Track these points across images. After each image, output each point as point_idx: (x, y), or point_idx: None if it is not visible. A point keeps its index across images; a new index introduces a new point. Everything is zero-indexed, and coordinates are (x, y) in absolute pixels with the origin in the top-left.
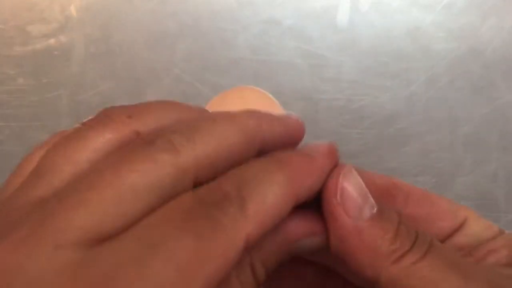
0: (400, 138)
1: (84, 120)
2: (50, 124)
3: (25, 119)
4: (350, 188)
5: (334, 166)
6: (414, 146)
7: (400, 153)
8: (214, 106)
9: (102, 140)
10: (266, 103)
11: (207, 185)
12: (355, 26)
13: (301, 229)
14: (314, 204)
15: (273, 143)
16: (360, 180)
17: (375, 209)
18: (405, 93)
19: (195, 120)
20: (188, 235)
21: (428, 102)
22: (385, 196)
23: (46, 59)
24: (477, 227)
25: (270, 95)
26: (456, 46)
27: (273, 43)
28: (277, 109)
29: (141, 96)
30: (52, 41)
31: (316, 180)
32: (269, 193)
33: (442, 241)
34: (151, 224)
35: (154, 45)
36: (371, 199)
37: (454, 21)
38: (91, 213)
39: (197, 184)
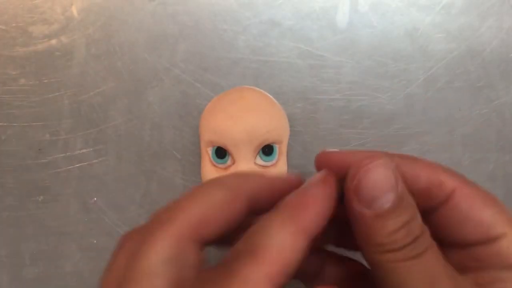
0: (399, 138)
1: None
2: (51, 124)
3: (26, 119)
4: (368, 179)
5: (331, 189)
6: (413, 146)
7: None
8: (214, 106)
9: None
10: (266, 103)
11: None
12: (355, 27)
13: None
14: None
15: (266, 197)
16: (387, 174)
17: (389, 204)
18: (404, 93)
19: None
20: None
21: (427, 103)
22: (423, 195)
23: (48, 59)
24: (508, 249)
25: (270, 95)
26: (454, 47)
27: (273, 44)
28: (277, 109)
29: (141, 96)
30: (53, 41)
31: (317, 208)
32: (275, 238)
33: (461, 245)
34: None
35: (155, 45)
36: (390, 194)
37: (453, 22)
38: None
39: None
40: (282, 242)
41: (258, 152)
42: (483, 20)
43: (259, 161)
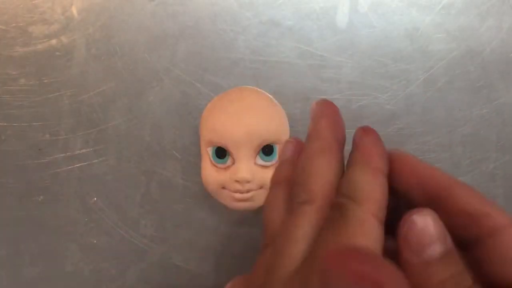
0: (399, 138)
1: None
2: (51, 124)
3: (26, 119)
4: (418, 226)
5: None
6: (413, 146)
7: None
8: (214, 106)
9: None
10: (266, 103)
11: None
12: (354, 27)
13: None
14: None
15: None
16: (436, 224)
17: (439, 252)
18: (404, 93)
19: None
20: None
21: (427, 103)
22: (464, 225)
23: (48, 59)
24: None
25: (270, 95)
26: (454, 47)
27: (273, 44)
28: (277, 109)
29: (141, 96)
30: (53, 42)
31: (378, 150)
32: (363, 184)
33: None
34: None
35: (155, 45)
36: (439, 244)
37: (453, 22)
38: None
39: None
40: (369, 182)
41: (258, 152)
42: (483, 20)
43: (259, 161)
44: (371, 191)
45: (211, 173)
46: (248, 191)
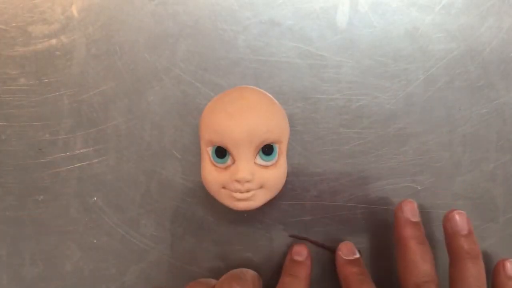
0: (399, 138)
1: None
2: (51, 124)
3: (26, 119)
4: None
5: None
6: (413, 146)
7: (399, 153)
8: (214, 105)
9: None
10: (266, 102)
11: None
12: (355, 27)
13: None
14: None
15: None
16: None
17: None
18: (404, 93)
19: None
20: None
21: (427, 102)
22: None
23: (48, 59)
24: None
25: (270, 95)
26: (454, 47)
27: (273, 44)
28: (277, 109)
29: (141, 96)
30: (53, 41)
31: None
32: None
33: None
34: None
35: (155, 45)
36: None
37: (453, 22)
38: None
39: None
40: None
41: (258, 152)
42: (483, 20)
43: (259, 160)
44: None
45: (211, 172)
46: (248, 191)
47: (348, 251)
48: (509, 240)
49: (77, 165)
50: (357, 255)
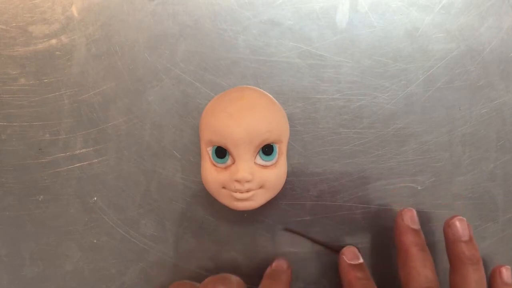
0: (399, 138)
1: None
2: (51, 124)
3: (26, 118)
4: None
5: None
6: (412, 146)
7: (399, 153)
8: (214, 105)
9: None
10: (266, 102)
11: None
12: (354, 27)
13: None
14: None
15: None
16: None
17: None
18: (404, 93)
19: None
20: None
21: (427, 102)
22: None
23: (48, 59)
24: None
25: (270, 95)
26: (454, 47)
27: (273, 44)
28: (277, 109)
29: (141, 96)
30: (53, 41)
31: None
32: None
33: None
34: None
35: (155, 45)
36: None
37: (453, 22)
38: None
39: None
40: None
41: (258, 152)
42: (483, 20)
43: (259, 160)
44: None
45: (211, 173)
46: (248, 191)
47: (352, 256)
48: (509, 240)
49: (77, 165)
50: (361, 260)
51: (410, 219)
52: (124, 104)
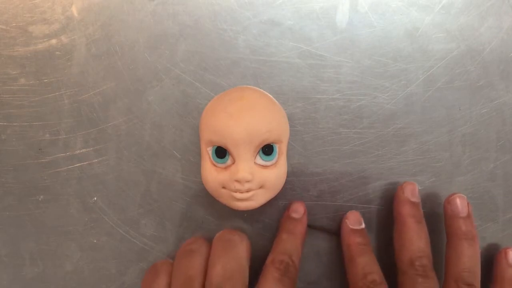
0: (399, 138)
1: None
2: (51, 124)
3: (26, 118)
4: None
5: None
6: (412, 146)
7: (399, 153)
8: (214, 105)
9: None
10: (266, 102)
11: None
12: (354, 27)
13: None
14: None
15: None
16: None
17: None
18: (404, 93)
19: None
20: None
21: (427, 102)
22: None
23: (48, 59)
24: None
25: (270, 95)
26: (454, 47)
27: (273, 44)
28: (277, 109)
29: (141, 96)
30: (53, 41)
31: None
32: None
33: None
34: None
35: (155, 45)
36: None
37: (453, 22)
38: None
39: None
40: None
41: (258, 152)
42: (483, 20)
43: (259, 160)
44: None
45: (211, 173)
46: (248, 191)
47: (355, 220)
48: (509, 240)
49: (77, 165)
50: (363, 226)
51: (410, 192)
52: (124, 104)
